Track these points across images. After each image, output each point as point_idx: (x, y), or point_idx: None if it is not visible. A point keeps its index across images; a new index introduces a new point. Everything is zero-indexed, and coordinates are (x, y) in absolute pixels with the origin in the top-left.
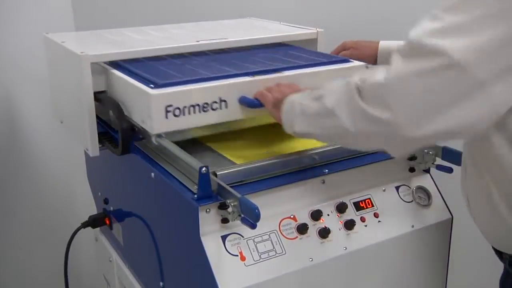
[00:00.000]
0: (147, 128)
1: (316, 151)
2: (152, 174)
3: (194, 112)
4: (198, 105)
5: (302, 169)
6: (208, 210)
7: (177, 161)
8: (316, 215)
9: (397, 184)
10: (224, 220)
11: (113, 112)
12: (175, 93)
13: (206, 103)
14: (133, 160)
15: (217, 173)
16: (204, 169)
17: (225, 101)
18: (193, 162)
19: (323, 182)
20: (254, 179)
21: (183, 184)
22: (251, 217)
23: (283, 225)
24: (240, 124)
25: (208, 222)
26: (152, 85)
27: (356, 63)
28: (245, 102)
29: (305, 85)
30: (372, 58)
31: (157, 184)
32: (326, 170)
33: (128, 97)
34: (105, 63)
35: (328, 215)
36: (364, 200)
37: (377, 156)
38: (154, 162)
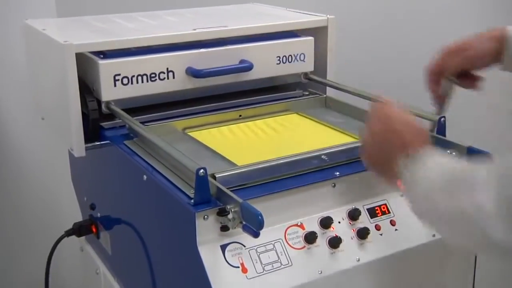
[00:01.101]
0: (97, 96)
1: (326, 151)
2: (144, 176)
3: (142, 81)
4: (145, 75)
5: (310, 171)
6: (206, 216)
7: (172, 162)
8: (326, 222)
9: None
10: (224, 228)
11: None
12: (122, 63)
13: (154, 73)
14: (122, 161)
15: (216, 176)
16: (201, 171)
17: (172, 71)
18: (189, 163)
19: (334, 186)
20: (257, 182)
21: (178, 188)
22: (254, 225)
23: (289, 233)
24: (188, 94)
25: (206, 229)
26: (101, 55)
27: (305, 37)
28: (191, 72)
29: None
30: (493, 53)
31: (149, 187)
32: (337, 173)
33: (88, 71)
34: (91, 53)
35: (339, 222)
36: (380, 206)
37: None
38: (146, 163)
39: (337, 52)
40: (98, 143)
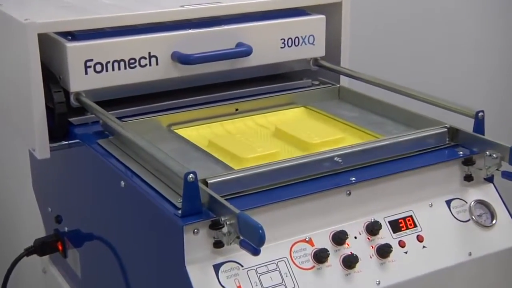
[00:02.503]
0: (64, 86)
1: (340, 152)
2: (122, 182)
3: (119, 68)
4: (123, 60)
5: (321, 176)
6: (196, 230)
7: (155, 165)
8: (339, 237)
9: (448, 197)
10: (218, 244)
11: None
12: (95, 46)
13: (133, 59)
14: (95, 164)
15: (208, 181)
16: (190, 176)
17: (155, 56)
18: (176, 166)
19: (349, 194)
20: (257, 190)
21: (162, 196)
22: (253, 240)
23: (295, 250)
24: (174, 83)
25: (196, 246)
26: (69, 37)
27: (315, 16)
28: (178, 57)
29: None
30: None
31: (128, 195)
32: (353, 178)
33: (54, 56)
34: (57, 34)
35: (355, 238)
36: (404, 218)
37: (422, 159)
38: (124, 166)
39: (353, 34)
40: (66, 142)
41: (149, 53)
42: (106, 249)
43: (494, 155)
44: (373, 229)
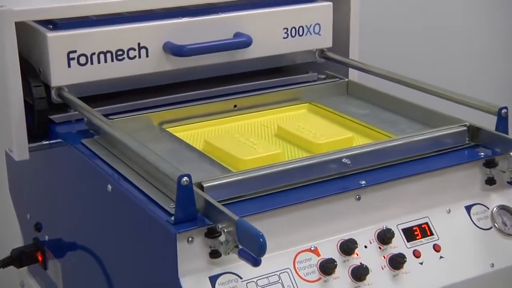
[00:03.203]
0: (45, 80)
1: (348, 152)
2: (109, 186)
3: (105, 60)
4: (110, 52)
5: (327, 180)
6: (190, 238)
7: (146, 168)
8: (347, 247)
9: (468, 202)
10: (214, 254)
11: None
12: (79, 36)
13: (121, 50)
14: (80, 166)
15: (204, 185)
16: (184, 179)
17: (145, 48)
18: (168, 168)
19: (359, 199)
20: (257, 194)
21: (153, 201)
22: (253, 249)
23: (300, 261)
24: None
25: (191, 256)
26: (50, 25)
27: (321, 3)
28: (171, 49)
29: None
30: None
31: (115, 200)
32: (363, 182)
33: (33, 47)
34: (36, 22)
35: (365, 247)
36: (420, 226)
37: (439, 161)
38: (112, 168)
39: (362, 22)
40: (47, 142)
41: (139, 44)
42: (91, 259)
43: None
44: (385, 237)
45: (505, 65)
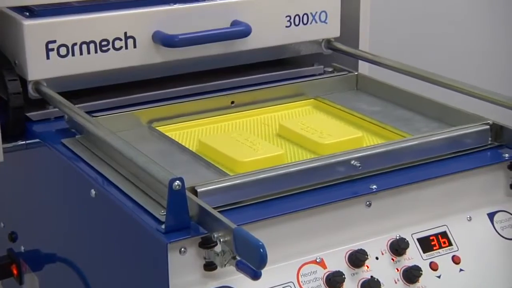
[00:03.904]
0: (21, 74)
1: (358, 154)
2: (92, 191)
3: (88, 52)
4: (93, 42)
5: (334, 184)
6: (183, 249)
7: (133, 170)
8: (357, 258)
9: (491, 209)
10: (209, 266)
11: None
12: (59, 24)
13: (106, 40)
14: (60, 169)
15: (198, 190)
16: (176, 183)
17: (132, 37)
18: (159, 171)
19: (369, 205)
20: (257, 200)
21: (142, 207)
22: (253, 261)
23: (304, 273)
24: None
25: (183, 268)
26: (27, 13)
27: None
28: (161, 39)
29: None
30: None
31: (100, 207)
32: (375, 187)
33: (7, 36)
34: (11, 9)
35: (376, 258)
36: (437, 235)
37: (458, 163)
38: (95, 171)
39: (374, 10)
40: (23, 142)
41: (125, 33)
42: (73, 273)
43: None
44: (398, 248)
45: None
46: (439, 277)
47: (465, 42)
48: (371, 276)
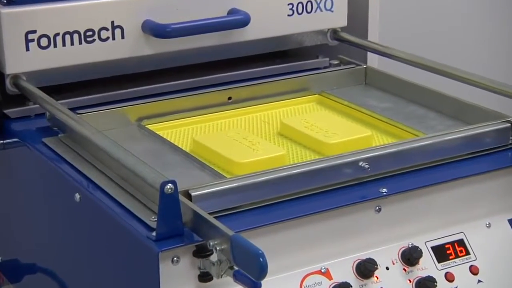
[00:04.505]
0: None
1: (366, 154)
2: (77, 195)
3: (72, 43)
4: (77, 32)
5: (341, 187)
6: (176, 258)
7: (121, 173)
8: (365, 268)
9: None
10: (204, 277)
11: None
12: (40, 13)
13: (91, 30)
14: (41, 171)
15: (192, 194)
16: (169, 186)
17: (120, 27)
18: (149, 173)
19: (379, 211)
20: (256, 205)
21: (131, 213)
22: (252, 271)
23: (307, 285)
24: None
25: (176, 279)
26: (4, 0)
27: None
28: (151, 29)
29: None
30: None
31: (84, 212)
32: (385, 190)
33: None
34: None
35: (387, 268)
36: (453, 243)
37: (476, 164)
38: (80, 174)
39: None
40: (1, 141)
41: (112, 22)
42: (55, 284)
43: None
44: (411, 257)
45: None
46: None
47: (483, 33)
48: None
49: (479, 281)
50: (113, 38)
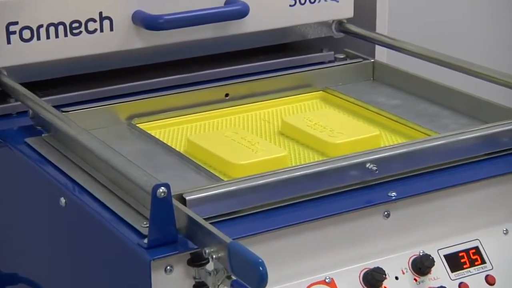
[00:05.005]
0: None
1: (374, 156)
2: (62, 199)
3: (57, 35)
4: (62, 23)
5: (347, 191)
6: (169, 267)
7: (111, 175)
8: (373, 278)
9: None
10: (200, 287)
11: None
12: (22, 3)
13: (77, 21)
14: (23, 173)
15: (187, 198)
16: (161, 189)
17: (109, 18)
18: (140, 176)
19: (387, 216)
20: (256, 210)
21: (121, 218)
22: (251, 281)
23: None
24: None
25: None
26: None
27: None
28: (142, 20)
29: None
30: None
31: (70, 217)
32: (394, 194)
33: None
34: None
35: (396, 278)
36: (467, 251)
37: (492, 166)
38: (66, 176)
39: None
40: None
41: (100, 13)
42: None
43: None
44: (422, 266)
45: None
46: None
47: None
48: None
49: None
50: (101, 30)
